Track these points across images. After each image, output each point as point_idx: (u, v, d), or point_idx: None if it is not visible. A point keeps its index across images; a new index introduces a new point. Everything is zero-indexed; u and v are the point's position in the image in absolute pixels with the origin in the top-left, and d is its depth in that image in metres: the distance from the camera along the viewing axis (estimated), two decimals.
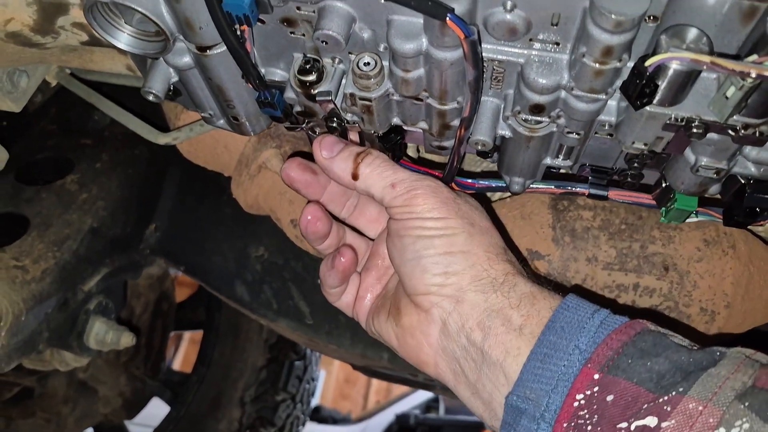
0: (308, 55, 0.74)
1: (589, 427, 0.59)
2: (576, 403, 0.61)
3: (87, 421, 2.14)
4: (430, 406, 4.59)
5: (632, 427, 0.57)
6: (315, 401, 3.32)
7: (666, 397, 0.57)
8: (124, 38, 0.75)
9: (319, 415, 4.42)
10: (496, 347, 0.67)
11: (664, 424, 0.55)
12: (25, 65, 1.08)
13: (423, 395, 4.61)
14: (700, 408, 0.55)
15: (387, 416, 4.49)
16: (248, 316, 2.09)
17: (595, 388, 0.60)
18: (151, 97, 0.81)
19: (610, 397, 0.59)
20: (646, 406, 0.57)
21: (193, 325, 2.55)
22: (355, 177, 0.77)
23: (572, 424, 0.60)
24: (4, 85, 1.07)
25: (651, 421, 0.56)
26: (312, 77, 0.73)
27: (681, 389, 0.57)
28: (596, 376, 0.61)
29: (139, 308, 2.08)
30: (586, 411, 0.60)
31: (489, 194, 1.10)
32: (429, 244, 0.72)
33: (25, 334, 1.10)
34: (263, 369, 2.12)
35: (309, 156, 0.90)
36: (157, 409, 2.39)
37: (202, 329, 2.33)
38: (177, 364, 4.78)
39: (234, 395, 2.10)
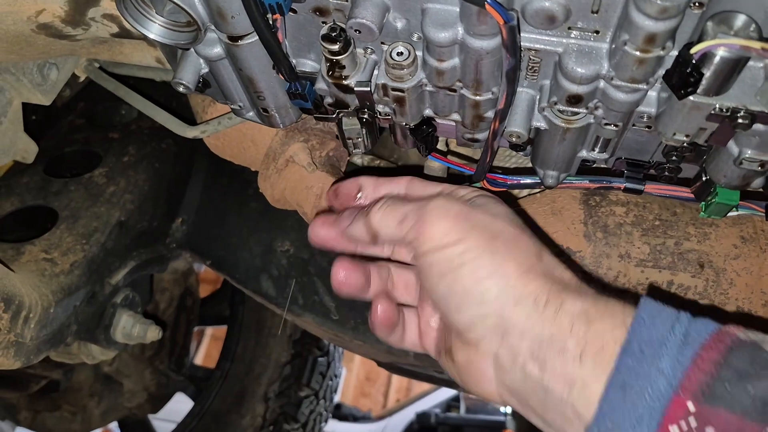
0: (336, 23, 0.71)
1: None
2: None
3: (112, 414, 2.16)
4: (450, 404, 4.57)
5: None
6: (336, 399, 3.32)
7: None
8: (155, 28, 0.74)
9: (339, 413, 4.43)
10: (557, 381, 0.60)
11: None
12: (55, 58, 1.09)
13: (444, 394, 4.60)
14: None
15: (407, 414, 4.49)
16: (272, 312, 2.10)
17: (691, 420, 0.53)
18: (181, 88, 0.81)
19: (710, 430, 0.52)
20: None
21: (216, 321, 2.56)
22: (373, 237, 0.74)
23: None
24: (34, 77, 1.08)
25: None
26: (336, 46, 0.70)
27: None
28: (691, 407, 0.53)
29: (164, 303, 2.09)
30: None
31: (517, 191, 1.08)
32: (455, 278, 0.66)
33: (53, 327, 1.10)
34: (287, 365, 2.12)
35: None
36: (180, 405, 2.41)
37: (226, 325, 2.34)
38: (199, 361, 4.81)
39: (258, 391, 2.10)
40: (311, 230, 0.80)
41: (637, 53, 0.60)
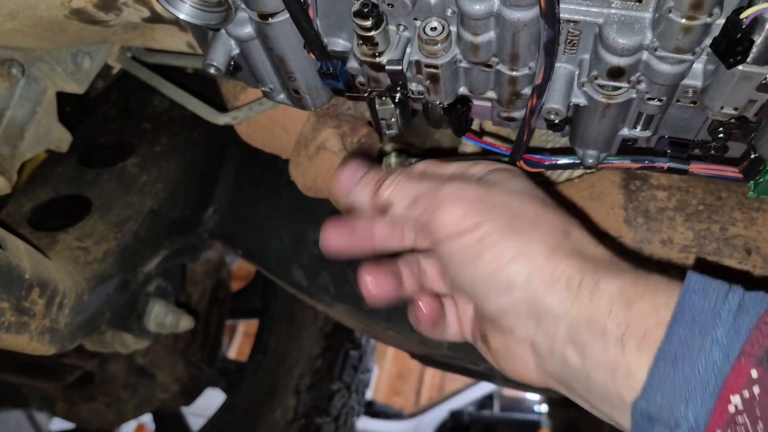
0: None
1: None
2: (731, 408, 0.50)
3: (145, 406, 2.18)
4: (484, 403, 4.53)
5: None
6: (368, 396, 3.31)
7: None
8: (186, 9, 0.74)
9: (371, 410, 4.42)
10: (598, 368, 0.57)
11: None
12: (88, 45, 1.09)
13: (477, 392, 4.56)
14: None
15: (440, 413, 4.46)
16: (303, 305, 2.10)
17: (755, 388, 0.50)
18: (212, 70, 0.80)
19: None
20: None
21: (248, 314, 2.57)
22: (376, 204, 0.70)
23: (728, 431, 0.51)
24: (68, 66, 1.09)
25: None
26: (368, 22, 0.68)
27: None
28: (754, 373, 0.50)
29: (196, 296, 2.10)
30: (745, 416, 0.50)
31: (556, 174, 1.05)
32: (477, 265, 0.62)
33: (87, 314, 1.11)
34: (318, 357, 2.11)
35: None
36: (212, 400, 2.42)
37: (257, 318, 2.35)
38: (231, 356, 4.85)
39: (289, 383, 2.10)
40: (323, 238, 0.73)
41: (683, 21, 0.57)
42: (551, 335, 0.60)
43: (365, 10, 0.68)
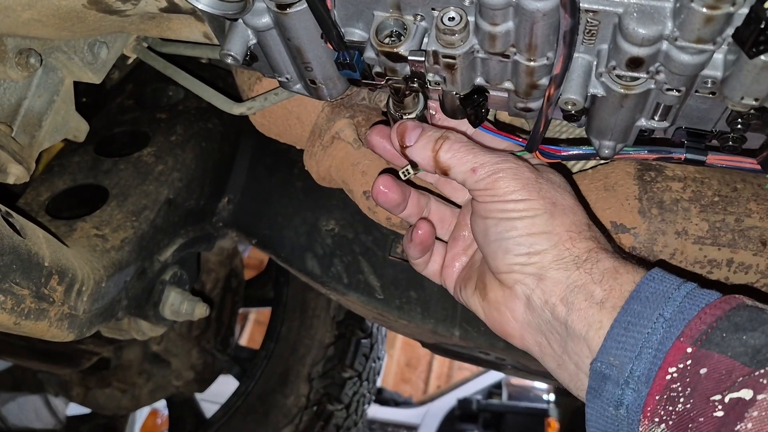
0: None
1: (682, 399, 0.60)
2: (668, 377, 0.61)
3: (160, 392, 2.20)
4: (492, 391, 4.55)
5: (726, 399, 0.57)
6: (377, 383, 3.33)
7: (762, 371, 0.57)
8: None
9: (381, 397, 4.45)
10: (579, 321, 0.69)
11: (759, 397, 0.55)
12: (105, 35, 1.10)
13: (485, 380, 4.58)
14: None
15: (449, 401, 4.48)
16: (316, 293, 2.11)
17: (688, 362, 0.61)
18: (229, 60, 0.80)
19: (703, 371, 0.60)
20: (741, 379, 0.57)
21: (260, 303, 2.59)
22: (437, 165, 0.78)
23: (665, 396, 0.61)
24: (85, 56, 1.09)
25: (746, 393, 0.56)
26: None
27: None
28: (689, 350, 0.61)
29: (210, 284, 2.12)
30: (678, 384, 0.60)
31: (569, 165, 1.05)
32: (511, 227, 0.73)
33: (105, 301, 1.12)
34: (330, 346, 2.13)
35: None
36: (225, 387, 2.45)
37: (269, 307, 2.36)
38: (242, 344, 4.89)
39: (302, 371, 2.12)
40: (369, 132, 0.86)
41: (705, 10, 0.57)
42: (547, 294, 0.71)
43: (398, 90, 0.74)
